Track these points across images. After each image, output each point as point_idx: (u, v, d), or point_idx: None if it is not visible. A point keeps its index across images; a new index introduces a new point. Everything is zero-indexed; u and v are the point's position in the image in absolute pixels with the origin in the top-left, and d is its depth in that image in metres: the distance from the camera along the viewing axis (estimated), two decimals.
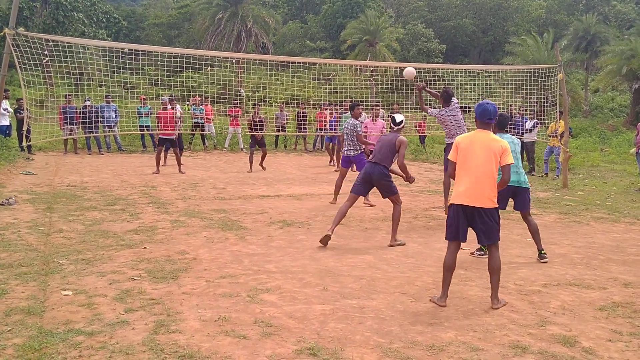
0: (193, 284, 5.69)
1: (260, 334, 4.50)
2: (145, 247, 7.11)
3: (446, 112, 9.89)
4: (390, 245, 7.67)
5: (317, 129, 21.13)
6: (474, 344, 4.44)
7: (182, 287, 5.59)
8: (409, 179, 8.10)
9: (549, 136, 15.53)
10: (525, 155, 16.21)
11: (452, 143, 9.11)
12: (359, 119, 10.83)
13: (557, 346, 4.45)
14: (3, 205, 9.38)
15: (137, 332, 4.48)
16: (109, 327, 4.54)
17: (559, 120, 14.84)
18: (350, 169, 11.20)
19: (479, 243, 5.56)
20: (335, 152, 16.43)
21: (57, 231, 7.81)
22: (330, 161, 17.57)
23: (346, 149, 10.87)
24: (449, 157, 5.61)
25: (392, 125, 8.16)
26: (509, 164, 5.32)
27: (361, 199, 10.67)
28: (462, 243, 5.49)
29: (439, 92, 10.17)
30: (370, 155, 8.12)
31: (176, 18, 58.43)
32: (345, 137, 10.84)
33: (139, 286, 5.57)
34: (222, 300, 5.27)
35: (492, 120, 5.43)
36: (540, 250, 7.14)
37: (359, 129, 10.68)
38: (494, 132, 6.98)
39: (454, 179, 5.52)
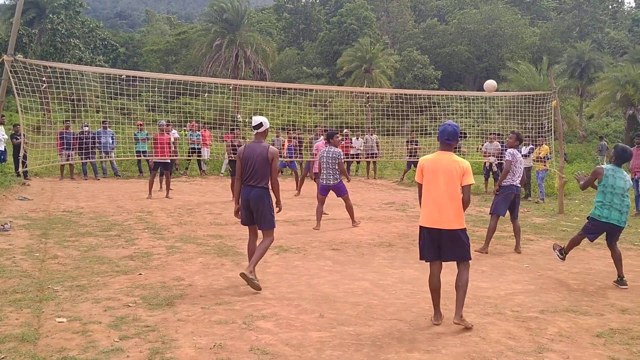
0: (188, 311, 5.66)
1: None
2: (140, 274, 7.08)
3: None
4: (243, 274, 6.43)
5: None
6: None
7: (178, 314, 5.55)
8: (279, 204, 7.01)
9: (534, 161, 15.66)
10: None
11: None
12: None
13: None
14: None
15: (132, 359, 4.44)
16: (104, 355, 4.50)
17: (543, 145, 15.27)
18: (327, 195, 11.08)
19: (444, 260, 5.54)
20: (300, 178, 16.47)
21: (52, 257, 7.77)
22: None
23: (324, 177, 10.77)
24: (416, 179, 5.67)
25: (253, 129, 6.89)
26: (469, 185, 5.40)
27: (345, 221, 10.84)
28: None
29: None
30: (244, 177, 6.81)
31: (173, 44, 58.97)
32: (325, 166, 10.75)
33: (134, 313, 5.53)
34: (218, 327, 5.23)
35: (451, 141, 5.48)
36: (620, 276, 7.22)
37: (341, 157, 10.71)
38: (613, 162, 7.30)
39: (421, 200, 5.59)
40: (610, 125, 45.89)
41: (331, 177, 10.74)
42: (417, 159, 20.30)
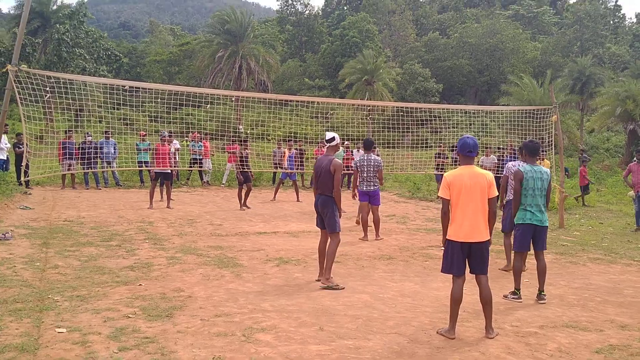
0: (188, 323, 5.66)
1: None
2: (140, 284, 7.09)
3: None
4: (320, 281, 7.41)
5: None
6: None
7: (177, 326, 5.55)
8: (339, 211, 7.56)
9: None
10: None
11: None
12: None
13: None
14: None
15: None
16: None
17: (544, 159, 15.24)
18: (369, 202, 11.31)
19: (471, 273, 5.67)
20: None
21: (52, 267, 7.78)
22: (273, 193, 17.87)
23: (366, 184, 11.04)
24: (440, 195, 5.72)
25: (325, 143, 7.71)
26: (495, 196, 5.61)
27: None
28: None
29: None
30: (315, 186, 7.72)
31: (177, 55, 59.17)
32: (365, 174, 10.99)
33: (133, 324, 5.53)
34: (217, 339, 5.23)
35: (474, 153, 5.63)
36: (540, 290, 7.17)
37: (382, 166, 11.18)
38: (525, 161, 7.30)
39: (447, 216, 5.64)
40: (611, 140, 45.90)
41: (371, 183, 11.07)
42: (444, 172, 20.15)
